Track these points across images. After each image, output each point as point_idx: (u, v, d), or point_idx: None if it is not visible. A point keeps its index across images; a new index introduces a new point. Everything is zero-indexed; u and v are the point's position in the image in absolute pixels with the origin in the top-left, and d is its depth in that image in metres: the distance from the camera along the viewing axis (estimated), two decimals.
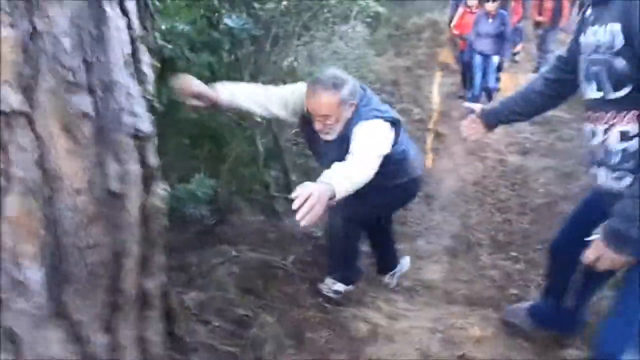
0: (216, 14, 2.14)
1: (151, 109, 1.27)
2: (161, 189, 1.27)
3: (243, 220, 2.59)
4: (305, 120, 2.12)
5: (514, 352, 2.08)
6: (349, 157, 1.87)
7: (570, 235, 1.73)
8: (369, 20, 7.64)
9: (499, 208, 4.29)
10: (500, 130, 5.61)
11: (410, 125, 5.62)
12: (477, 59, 5.71)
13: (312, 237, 2.77)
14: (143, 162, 1.19)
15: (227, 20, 2.02)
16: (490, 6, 5.53)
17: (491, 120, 1.88)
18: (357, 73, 5.89)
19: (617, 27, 1.16)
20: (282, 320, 2.04)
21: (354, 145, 1.91)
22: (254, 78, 2.59)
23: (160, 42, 1.74)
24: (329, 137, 2.04)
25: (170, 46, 1.83)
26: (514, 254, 3.59)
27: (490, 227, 4.03)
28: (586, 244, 1.34)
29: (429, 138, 5.42)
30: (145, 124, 1.21)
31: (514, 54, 7.08)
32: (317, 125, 2.01)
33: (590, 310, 1.99)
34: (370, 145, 1.93)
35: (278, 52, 2.57)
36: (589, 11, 1.37)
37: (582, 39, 1.37)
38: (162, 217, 1.26)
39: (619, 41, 1.16)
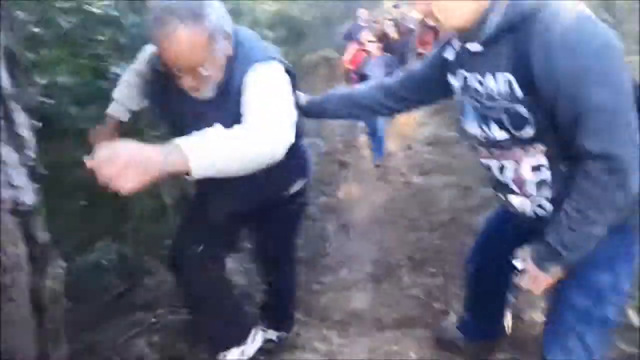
0: (103, 63, 2.01)
1: (35, 176, 1.11)
2: (57, 267, 1.10)
3: (158, 282, 2.39)
4: (162, 82, 1.54)
5: None
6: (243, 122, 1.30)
7: (486, 251, 1.82)
8: None
9: (411, 227, 4.46)
10: (401, 154, 5.96)
11: (319, 157, 5.73)
12: None
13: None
14: (30, 240, 1.02)
15: (115, 69, 1.89)
16: (373, 48, 5.36)
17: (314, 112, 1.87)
18: None
19: (510, 77, 1.20)
20: None
21: (249, 104, 1.35)
22: (154, 128, 2.46)
23: (39, 98, 1.58)
24: (205, 94, 1.47)
25: (51, 102, 1.67)
26: (431, 269, 3.72)
27: (406, 248, 4.16)
28: (506, 263, 1.40)
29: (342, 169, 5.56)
30: (28, 195, 1.05)
31: None
32: (185, 82, 1.41)
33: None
34: (278, 103, 1.35)
35: None
36: (450, 55, 1.41)
37: (454, 81, 1.42)
38: (61, 301, 1.09)
39: (518, 91, 1.20)
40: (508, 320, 1.53)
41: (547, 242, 1.28)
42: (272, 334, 2.21)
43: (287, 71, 1.53)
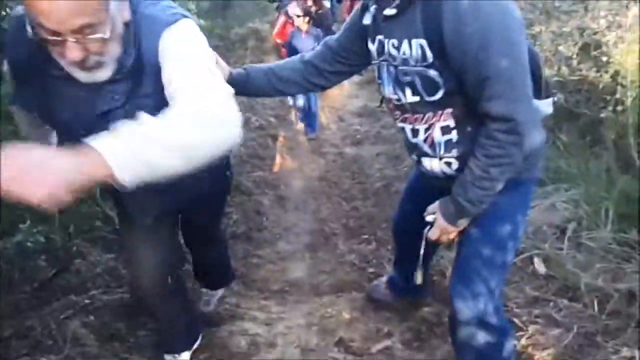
0: None
1: None
2: None
3: (89, 263, 2.33)
4: (34, 68, 1.15)
5: (381, 324, 2.28)
6: (172, 105, 1.04)
7: (406, 212, 1.97)
8: None
9: (345, 197, 4.61)
10: (334, 126, 6.07)
11: (252, 133, 5.70)
12: None
13: None
14: None
15: None
16: (300, 23, 5.22)
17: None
18: None
19: (423, 42, 1.27)
20: (155, 358, 1.90)
21: (175, 78, 1.10)
22: None
23: None
24: (100, 75, 1.13)
25: None
26: (365, 236, 3.90)
27: (341, 216, 4.31)
28: (422, 221, 1.54)
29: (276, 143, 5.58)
30: None
31: None
32: (70, 54, 1.02)
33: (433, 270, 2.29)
34: (211, 71, 1.13)
35: None
36: (367, 20, 1.46)
37: (372, 47, 1.48)
38: None
39: (430, 56, 1.28)
40: (418, 274, 1.69)
41: (454, 197, 1.42)
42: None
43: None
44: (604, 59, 2.94)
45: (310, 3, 5.62)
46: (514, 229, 1.53)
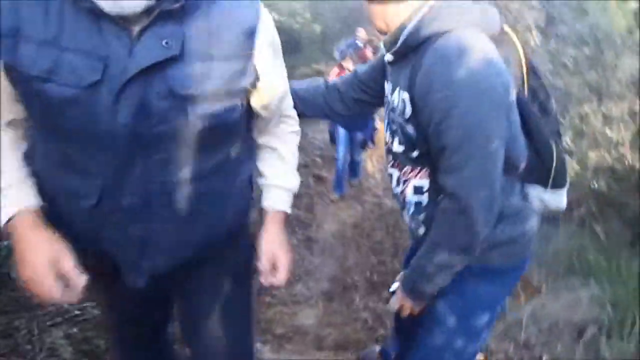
0: None
1: None
2: None
3: None
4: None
5: None
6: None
7: None
8: None
9: (374, 250, 4.46)
10: (378, 175, 5.99)
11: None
12: (341, 132, 5.17)
13: None
14: None
15: None
16: None
17: None
18: None
19: (406, 96, 1.20)
20: None
21: (281, 94, 1.15)
22: None
23: None
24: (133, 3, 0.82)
25: None
26: (386, 295, 3.71)
27: (366, 269, 4.16)
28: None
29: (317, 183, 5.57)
30: None
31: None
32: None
33: None
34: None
35: None
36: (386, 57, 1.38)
37: (386, 85, 1.41)
38: None
39: (409, 110, 1.20)
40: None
41: (411, 268, 1.30)
42: None
43: None
44: None
45: (369, 56, 5.66)
46: (491, 317, 1.38)
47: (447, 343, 1.36)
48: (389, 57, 1.28)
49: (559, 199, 1.33)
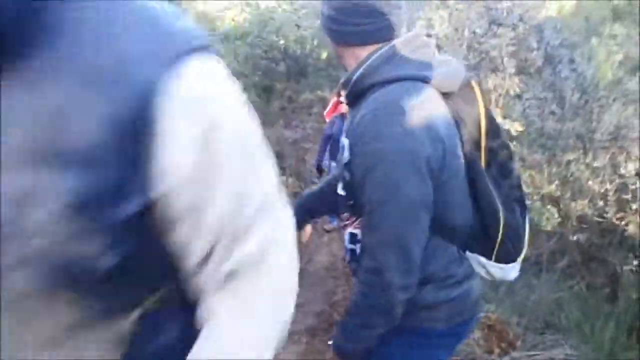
0: None
1: None
2: None
3: None
4: None
5: None
6: None
7: None
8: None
9: None
10: None
11: (289, 198, 5.69)
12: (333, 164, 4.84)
13: None
14: None
15: None
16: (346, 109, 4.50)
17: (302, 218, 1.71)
18: None
19: (346, 141, 1.17)
20: None
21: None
22: None
23: None
24: None
25: None
26: None
27: None
28: None
29: None
30: None
31: None
32: None
33: None
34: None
35: None
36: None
37: None
38: None
39: (346, 156, 1.17)
40: None
41: (338, 328, 1.25)
42: None
43: None
44: (634, 206, 2.56)
45: None
46: None
47: None
48: (343, 99, 1.28)
49: (505, 273, 1.26)
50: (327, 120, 5.31)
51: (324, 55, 8.42)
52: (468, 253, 1.25)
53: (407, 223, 1.07)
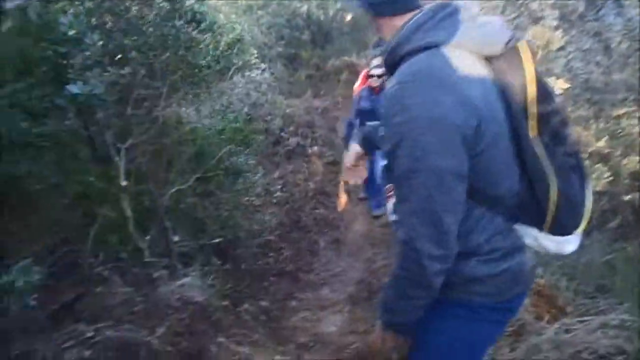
0: (62, 80, 2.04)
1: None
2: None
3: (109, 293, 2.42)
4: None
5: None
6: None
7: None
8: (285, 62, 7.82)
9: None
10: None
11: (323, 167, 5.67)
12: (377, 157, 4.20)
13: (190, 302, 2.63)
14: None
15: (69, 87, 1.91)
16: (374, 82, 4.24)
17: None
18: (268, 117, 5.93)
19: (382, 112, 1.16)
20: None
21: None
22: (121, 139, 2.49)
23: None
24: None
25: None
26: None
27: None
28: None
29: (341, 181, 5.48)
30: None
31: None
32: None
33: None
34: None
35: (146, 113, 2.49)
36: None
37: None
38: None
39: (381, 129, 1.15)
40: None
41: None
42: None
43: None
44: None
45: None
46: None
47: None
48: (377, 71, 1.25)
49: (560, 246, 1.19)
50: (354, 95, 4.93)
51: (348, 17, 8.16)
52: (519, 225, 1.19)
53: (438, 193, 1.03)
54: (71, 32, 1.94)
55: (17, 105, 1.88)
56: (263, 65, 5.05)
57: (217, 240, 3.42)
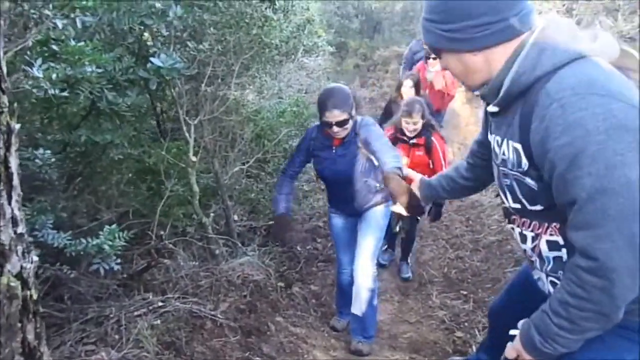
0: (144, 53, 2.08)
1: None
2: (17, 266, 1.10)
3: (176, 265, 2.47)
4: None
5: None
6: None
7: (506, 305, 1.69)
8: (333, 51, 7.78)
9: (453, 244, 4.27)
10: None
11: None
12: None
13: (251, 281, 2.66)
14: None
15: (153, 60, 1.94)
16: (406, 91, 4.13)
17: (427, 193, 1.75)
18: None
19: (518, 146, 1.09)
20: None
21: None
22: (190, 115, 2.52)
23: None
24: None
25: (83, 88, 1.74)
26: (464, 292, 3.55)
27: (444, 264, 4.00)
28: (520, 317, 1.28)
29: None
30: None
31: None
32: None
33: None
34: None
35: (216, 90, 2.51)
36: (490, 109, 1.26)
37: (491, 139, 1.29)
38: (17, 297, 1.09)
39: (525, 163, 1.08)
40: None
41: (531, 323, 1.14)
42: None
43: None
44: None
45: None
46: None
47: None
48: (492, 108, 1.17)
49: None
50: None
51: (399, 6, 8.05)
52: None
53: (632, 212, 0.92)
54: (158, 5, 1.96)
55: (105, 76, 1.92)
56: (331, 49, 4.96)
57: (271, 222, 3.44)
